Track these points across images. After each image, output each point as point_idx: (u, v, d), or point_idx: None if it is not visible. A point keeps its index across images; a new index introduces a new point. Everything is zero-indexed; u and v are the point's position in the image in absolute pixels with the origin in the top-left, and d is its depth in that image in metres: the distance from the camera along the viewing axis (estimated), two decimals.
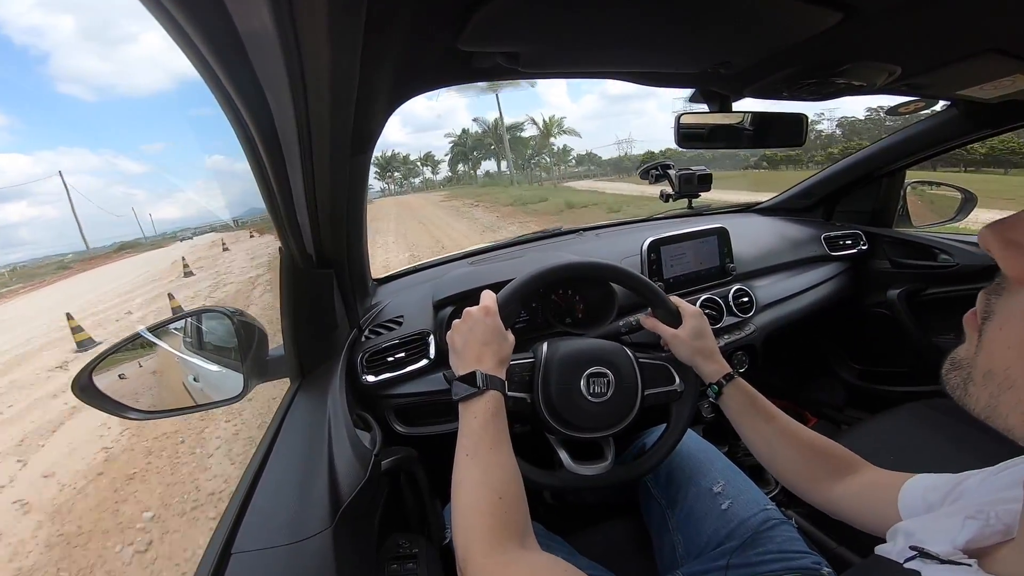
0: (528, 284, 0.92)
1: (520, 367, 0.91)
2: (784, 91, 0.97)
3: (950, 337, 1.65)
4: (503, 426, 0.74)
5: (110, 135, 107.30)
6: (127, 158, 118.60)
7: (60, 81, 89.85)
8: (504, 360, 0.83)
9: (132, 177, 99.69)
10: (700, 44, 0.76)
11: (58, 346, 8.14)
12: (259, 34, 0.39)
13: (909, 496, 0.64)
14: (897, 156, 1.68)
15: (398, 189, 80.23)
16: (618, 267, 1.01)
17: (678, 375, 0.98)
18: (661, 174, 1.56)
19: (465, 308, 0.86)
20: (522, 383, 0.91)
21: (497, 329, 0.83)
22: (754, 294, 1.47)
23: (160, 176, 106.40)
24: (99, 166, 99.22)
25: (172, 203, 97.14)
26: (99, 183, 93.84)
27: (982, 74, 0.96)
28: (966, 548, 0.41)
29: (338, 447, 0.79)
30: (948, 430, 1.23)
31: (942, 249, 1.63)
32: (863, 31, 0.70)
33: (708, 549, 0.90)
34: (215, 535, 0.65)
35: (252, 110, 0.50)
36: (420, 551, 0.84)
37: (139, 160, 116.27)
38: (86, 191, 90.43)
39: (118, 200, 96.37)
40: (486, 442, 0.70)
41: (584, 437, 0.91)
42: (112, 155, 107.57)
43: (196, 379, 1.06)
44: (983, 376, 0.40)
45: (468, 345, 0.81)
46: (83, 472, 3.63)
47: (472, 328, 0.82)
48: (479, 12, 0.58)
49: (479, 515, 0.63)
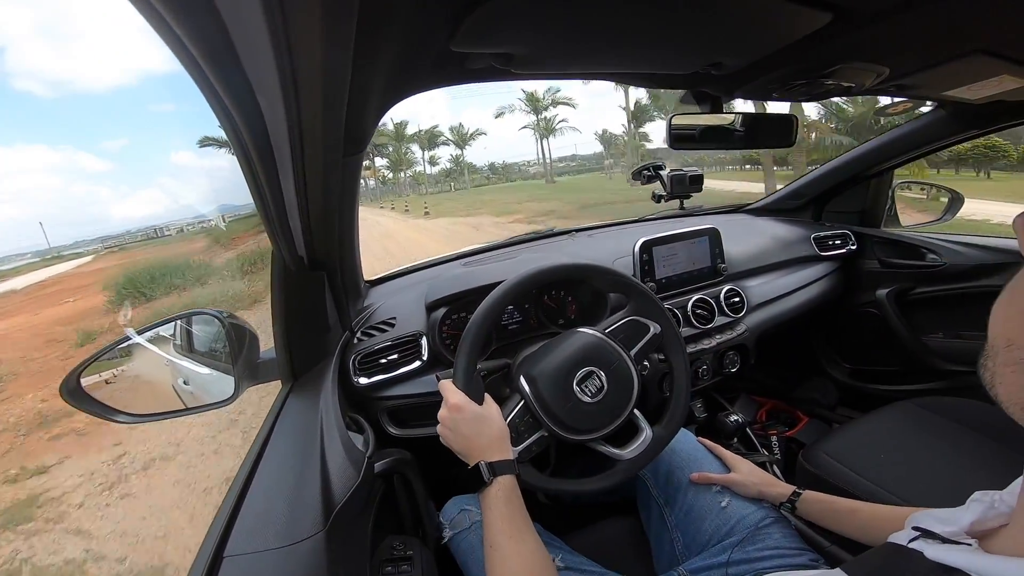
0: (480, 326, 0.90)
1: (519, 414, 0.89)
2: (774, 92, 0.98)
3: (939, 336, 1.67)
4: (518, 510, 0.74)
5: (69, 131, 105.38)
6: (89, 155, 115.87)
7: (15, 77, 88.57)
8: (503, 435, 0.83)
9: (94, 175, 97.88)
10: (691, 46, 0.76)
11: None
12: (249, 34, 0.38)
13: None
14: (885, 157, 1.70)
15: (379, 187, 57.92)
16: (570, 264, 1.00)
17: (651, 322, 0.99)
18: (653, 175, 1.57)
19: (438, 414, 0.84)
20: (530, 426, 0.89)
21: (475, 416, 0.82)
22: (745, 294, 1.48)
23: (122, 174, 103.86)
24: (59, 163, 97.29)
25: (137, 201, 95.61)
26: (59, 181, 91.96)
27: (969, 75, 0.97)
28: (970, 530, 0.43)
29: (331, 449, 0.79)
30: (937, 429, 1.24)
31: (930, 249, 1.64)
32: (852, 33, 0.71)
33: (709, 545, 0.91)
34: (207, 539, 0.65)
35: (242, 111, 0.50)
36: (415, 553, 0.83)
37: (102, 157, 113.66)
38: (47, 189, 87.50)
39: (79, 199, 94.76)
40: (505, 532, 0.71)
41: (615, 428, 0.91)
42: (72, 151, 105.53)
43: (186, 382, 1.05)
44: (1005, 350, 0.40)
45: (466, 444, 0.81)
46: None
47: (455, 429, 0.82)
48: (472, 14, 0.58)
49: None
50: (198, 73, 0.43)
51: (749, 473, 0.99)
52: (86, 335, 9.27)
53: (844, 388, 1.96)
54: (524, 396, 0.89)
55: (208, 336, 1.06)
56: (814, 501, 0.91)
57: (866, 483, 1.09)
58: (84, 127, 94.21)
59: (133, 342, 0.94)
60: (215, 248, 21.02)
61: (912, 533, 0.46)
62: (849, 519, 0.86)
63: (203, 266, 15.40)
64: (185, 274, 13.99)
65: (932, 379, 1.65)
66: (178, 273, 13.83)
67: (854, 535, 0.87)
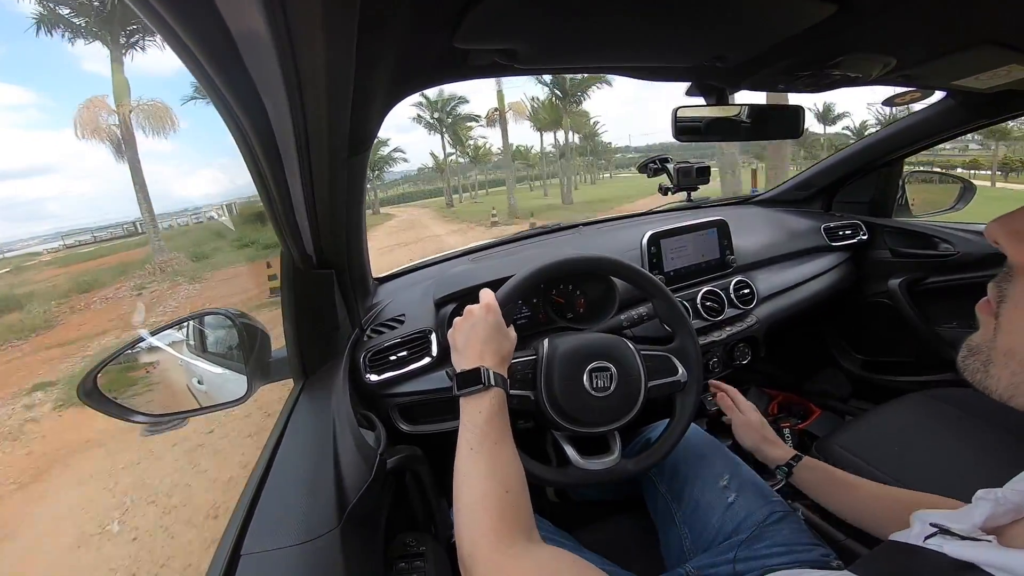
0: (528, 280, 0.92)
1: (522, 365, 0.91)
2: (780, 83, 0.97)
3: (952, 326, 1.65)
4: (506, 422, 0.74)
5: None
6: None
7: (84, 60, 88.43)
8: (506, 357, 0.83)
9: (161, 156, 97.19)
10: (696, 38, 0.76)
11: None
12: (252, 35, 0.39)
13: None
14: (895, 146, 1.68)
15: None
16: (619, 261, 1.01)
17: (681, 365, 0.98)
18: (659, 168, 1.56)
19: (467, 306, 0.86)
20: (525, 381, 0.90)
21: (499, 326, 0.83)
22: (755, 286, 1.47)
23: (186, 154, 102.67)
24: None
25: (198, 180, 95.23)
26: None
27: (977, 65, 0.96)
28: (984, 527, 0.42)
29: (343, 447, 0.80)
30: (952, 420, 1.23)
31: (942, 238, 1.62)
32: (858, 23, 0.70)
33: (716, 542, 0.90)
34: (224, 537, 0.66)
35: (248, 113, 0.50)
36: (427, 549, 0.84)
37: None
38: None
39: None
40: (491, 437, 0.70)
41: (590, 432, 0.90)
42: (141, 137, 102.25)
43: (200, 382, 1.06)
44: (1004, 356, 0.43)
45: (470, 343, 0.80)
46: None
47: (474, 326, 0.82)
48: (475, 10, 0.58)
49: (485, 509, 0.62)
50: (202, 75, 0.43)
51: (753, 424, 0.99)
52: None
53: (857, 380, 1.95)
54: (537, 354, 0.92)
55: (220, 336, 1.07)
56: (813, 468, 0.91)
57: (881, 475, 1.08)
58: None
59: (148, 343, 0.95)
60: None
61: (928, 530, 0.45)
62: (846, 494, 0.86)
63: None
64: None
65: (946, 370, 1.63)
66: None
67: (847, 513, 0.86)
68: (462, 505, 0.65)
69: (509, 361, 0.85)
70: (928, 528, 0.45)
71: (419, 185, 59.63)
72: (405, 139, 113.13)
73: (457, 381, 0.77)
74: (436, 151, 37.66)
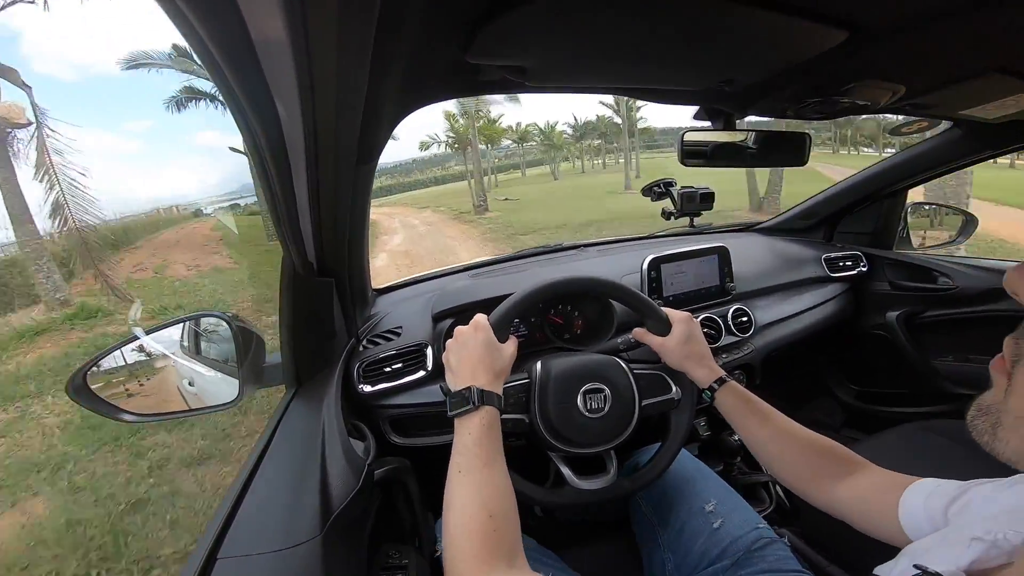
0: (518, 304, 0.91)
1: (515, 388, 0.91)
2: (788, 109, 0.98)
3: (948, 359, 1.65)
4: (497, 442, 0.73)
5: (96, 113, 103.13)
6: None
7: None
8: (501, 374, 0.82)
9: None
10: (704, 62, 0.77)
11: None
12: (271, 40, 0.39)
13: (910, 502, 0.64)
14: (899, 177, 1.68)
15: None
16: (607, 280, 1.00)
17: (674, 384, 0.98)
18: (663, 192, 1.57)
19: (456, 327, 0.86)
20: (518, 404, 0.90)
21: (489, 343, 0.83)
22: (753, 314, 1.46)
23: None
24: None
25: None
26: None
27: (985, 94, 0.97)
28: (969, 569, 0.41)
29: (331, 455, 0.79)
30: (945, 451, 1.22)
31: (942, 272, 1.63)
32: (867, 51, 0.71)
33: (700, 567, 0.89)
34: (202, 539, 0.65)
35: (261, 116, 0.50)
36: (410, 562, 0.83)
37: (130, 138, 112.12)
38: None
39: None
40: (480, 459, 0.69)
41: (586, 452, 0.90)
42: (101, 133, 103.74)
43: (191, 383, 1.05)
44: (1015, 419, 0.41)
45: (462, 362, 0.80)
46: None
47: (464, 345, 0.82)
48: (487, 27, 0.58)
49: (468, 534, 0.62)
50: (218, 75, 0.43)
51: (679, 342, 0.95)
52: None
53: (850, 409, 1.94)
54: (531, 376, 0.92)
55: (215, 338, 1.07)
56: (734, 393, 0.90)
57: None
58: (108, 109, 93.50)
59: (140, 342, 0.95)
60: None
61: (910, 570, 0.44)
62: (758, 424, 0.87)
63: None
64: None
65: (940, 402, 1.63)
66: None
67: (755, 445, 0.87)
68: (447, 528, 0.64)
69: (505, 376, 0.84)
70: (911, 568, 0.44)
71: (396, 177, 56.04)
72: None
73: (448, 402, 0.77)
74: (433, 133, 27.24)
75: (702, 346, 0.97)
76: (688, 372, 0.95)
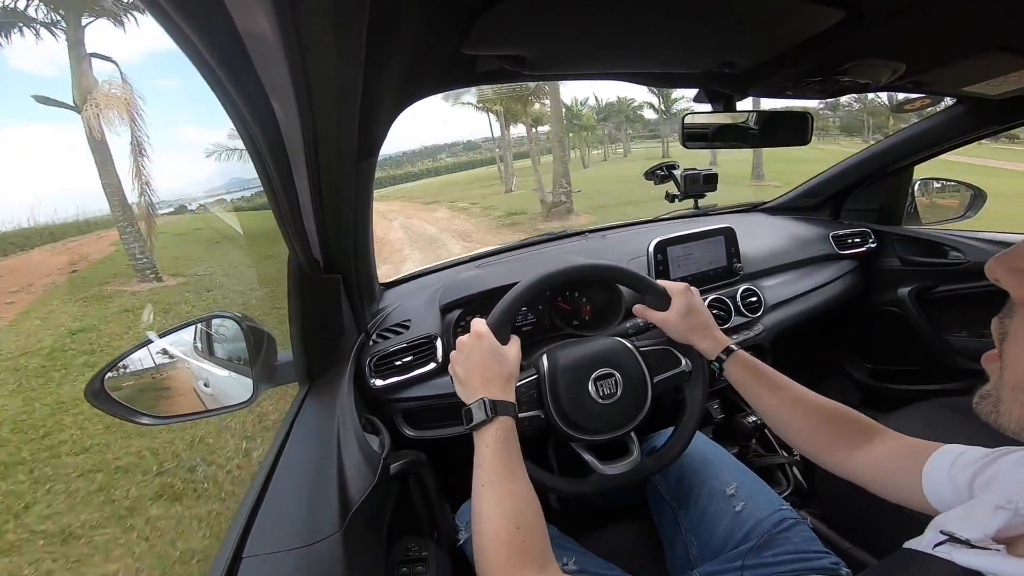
0: (511, 304, 0.91)
1: (526, 386, 0.90)
2: (789, 90, 0.97)
3: (962, 334, 1.63)
4: (516, 452, 0.74)
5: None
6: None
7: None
8: (510, 377, 0.83)
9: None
10: (704, 45, 0.76)
11: None
12: (262, 40, 0.39)
13: (935, 469, 0.64)
14: (904, 154, 1.67)
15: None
16: (588, 264, 0.99)
17: (683, 356, 0.97)
18: (666, 175, 1.56)
19: (458, 339, 0.85)
20: (531, 401, 0.90)
21: (493, 350, 0.82)
22: (762, 294, 1.46)
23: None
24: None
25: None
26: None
27: (987, 71, 0.96)
28: (996, 536, 0.42)
29: (347, 451, 0.80)
30: (961, 429, 1.21)
31: (952, 246, 1.61)
32: (866, 29, 0.70)
33: (723, 551, 0.90)
34: (227, 539, 0.66)
35: (257, 116, 0.50)
36: (430, 554, 0.84)
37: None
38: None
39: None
40: (498, 472, 0.70)
41: (605, 438, 0.90)
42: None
43: (207, 384, 1.07)
44: (1012, 391, 0.43)
45: (470, 373, 0.80)
46: None
47: (469, 355, 0.82)
48: (483, 17, 0.58)
49: (497, 546, 0.64)
50: (213, 79, 0.43)
51: (680, 315, 0.94)
52: None
53: (865, 388, 1.93)
54: (539, 371, 0.91)
55: (227, 339, 1.08)
56: (743, 364, 0.89)
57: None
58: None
59: (155, 345, 0.96)
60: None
61: (938, 537, 0.45)
62: (770, 393, 0.85)
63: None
64: None
65: (955, 379, 1.62)
66: None
67: (767, 413, 0.86)
68: (477, 542, 0.66)
69: (515, 380, 0.84)
70: (939, 536, 0.45)
71: (387, 170, 54.33)
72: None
73: (464, 417, 0.78)
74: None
75: (704, 316, 0.96)
76: (694, 344, 0.94)
